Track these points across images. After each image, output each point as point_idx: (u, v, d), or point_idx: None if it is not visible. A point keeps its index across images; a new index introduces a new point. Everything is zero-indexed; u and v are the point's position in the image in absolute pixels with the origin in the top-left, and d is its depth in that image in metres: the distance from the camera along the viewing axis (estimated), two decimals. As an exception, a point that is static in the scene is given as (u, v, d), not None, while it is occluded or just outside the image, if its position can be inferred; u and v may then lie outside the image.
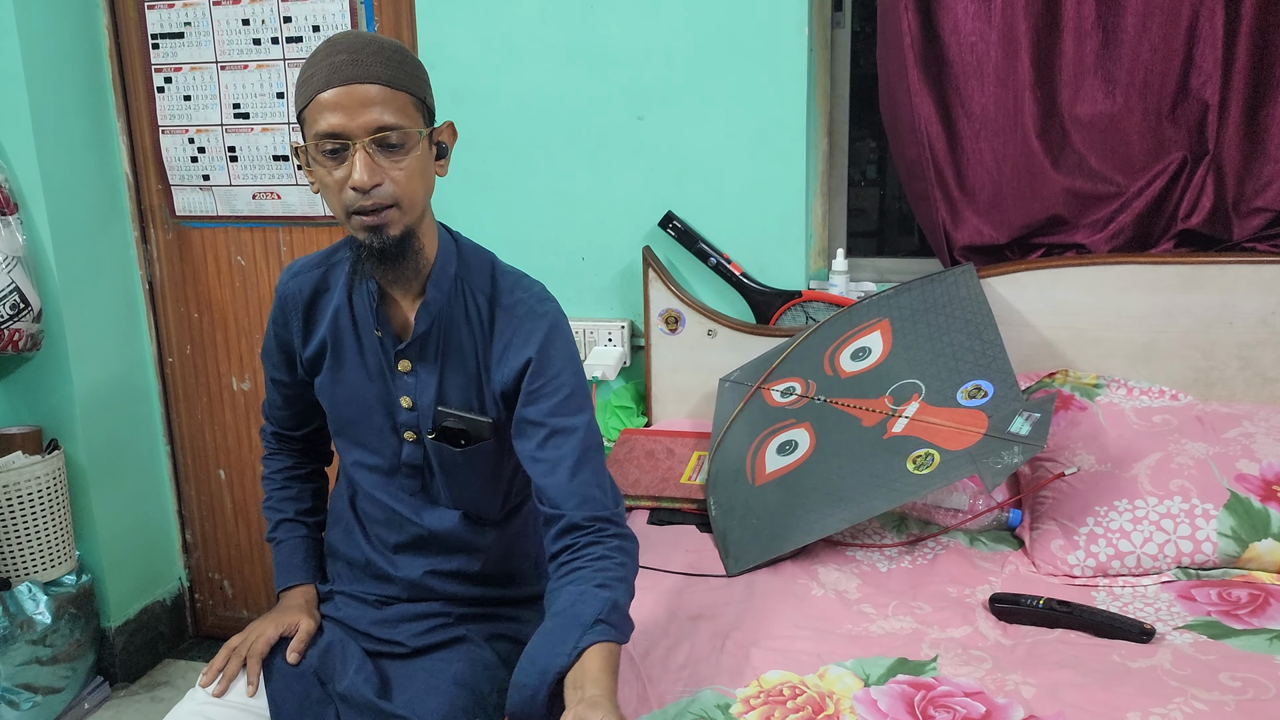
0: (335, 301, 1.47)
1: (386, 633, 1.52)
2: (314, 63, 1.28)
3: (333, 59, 1.26)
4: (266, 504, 1.68)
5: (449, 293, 1.42)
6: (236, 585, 2.96)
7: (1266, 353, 1.95)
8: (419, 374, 1.44)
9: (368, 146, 1.26)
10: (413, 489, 1.51)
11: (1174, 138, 2.01)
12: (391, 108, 1.27)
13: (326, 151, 1.28)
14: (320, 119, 1.26)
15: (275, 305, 1.54)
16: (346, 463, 1.54)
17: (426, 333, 1.42)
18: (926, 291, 1.99)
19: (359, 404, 1.48)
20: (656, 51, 2.25)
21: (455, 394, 1.44)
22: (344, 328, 1.47)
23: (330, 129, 1.26)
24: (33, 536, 2.46)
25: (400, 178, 1.29)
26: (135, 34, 2.61)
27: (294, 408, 1.63)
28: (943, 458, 1.62)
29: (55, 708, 2.52)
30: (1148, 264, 1.99)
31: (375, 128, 1.26)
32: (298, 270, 1.52)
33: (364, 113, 1.25)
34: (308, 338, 1.50)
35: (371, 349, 1.46)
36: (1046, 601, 1.47)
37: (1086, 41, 1.98)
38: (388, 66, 1.28)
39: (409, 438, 1.47)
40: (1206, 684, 1.26)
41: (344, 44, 1.28)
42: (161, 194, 2.72)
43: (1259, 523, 1.58)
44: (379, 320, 1.43)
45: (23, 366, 2.57)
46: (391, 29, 2.46)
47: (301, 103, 1.29)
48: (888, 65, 2.12)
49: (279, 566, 1.62)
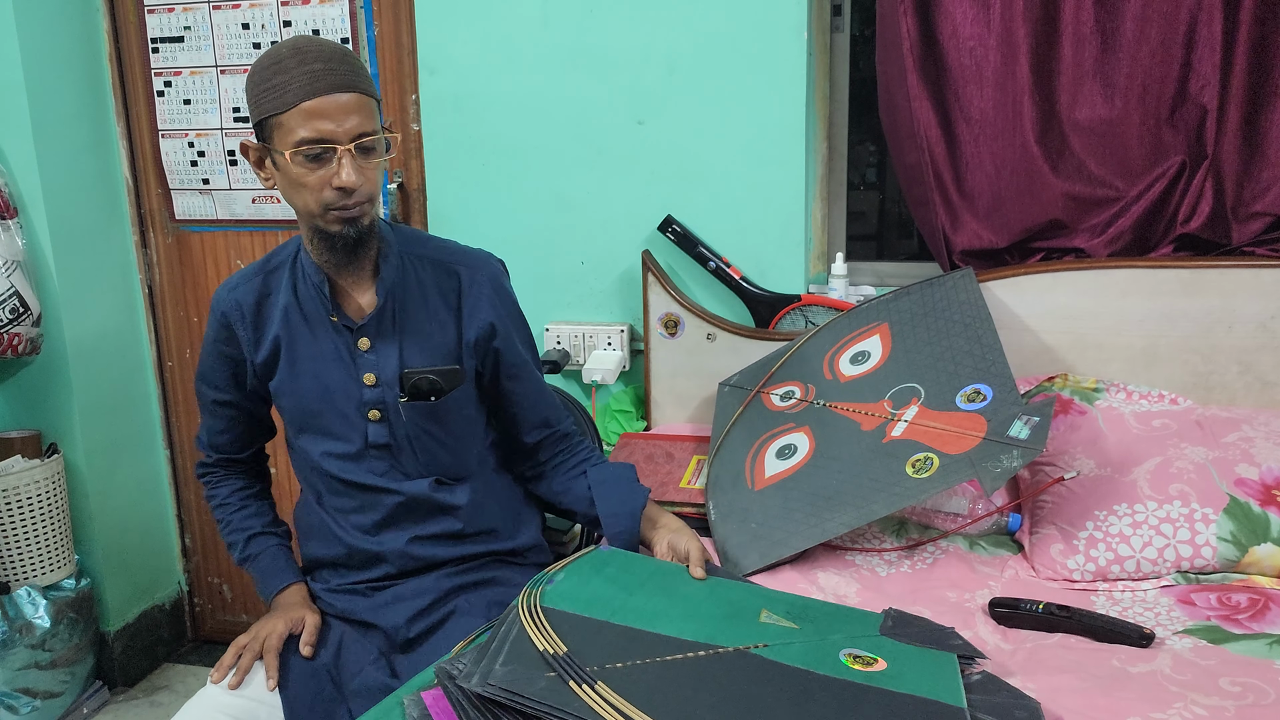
0: (283, 301, 1.55)
1: (383, 617, 1.55)
2: (285, 69, 1.36)
3: (309, 67, 1.36)
4: (228, 529, 1.70)
5: (398, 268, 1.54)
6: (236, 589, 2.96)
7: (1266, 357, 1.95)
8: (378, 349, 1.54)
9: (354, 151, 1.38)
10: (382, 469, 1.57)
11: (1173, 142, 2.01)
12: (366, 114, 1.40)
13: (307, 155, 1.37)
14: (305, 125, 1.36)
15: (214, 324, 1.59)
16: (314, 456, 1.58)
17: (383, 307, 1.52)
18: (926, 295, 1.99)
19: (320, 394, 1.55)
20: (656, 56, 2.25)
21: (417, 358, 1.54)
22: (296, 324, 1.55)
23: (318, 135, 1.36)
24: (32, 541, 2.46)
25: (373, 177, 1.43)
26: (135, 38, 2.62)
27: (238, 429, 1.69)
28: (942, 462, 1.62)
29: (54, 712, 2.51)
30: (1147, 268, 1.99)
31: (358, 134, 1.38)
32: (235, 284, 1.58)
33: (347, 119, 1.37)
34: (259, 342, 1.57)
35: (326, 338, 1.54)
36: (1046, 606, 1.46)
37: (1085, 46, 1.98)
38: (358, 76, 1.40)
39: (374, 417, 1.55)
40: (1206, 689, 1.25)
41: (315, 53, 1.38)
42: (161, 198, 2.72)
43: (1259, 527, 1.58)
44: (333, 308, 1.53)
45: (22, 370, 2.57)
46: (391, 33, 2.46)
47: (275, 108, 1.37)
48: (887, 69, 2.12)
49: (264, 574, 1.64)
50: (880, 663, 1.22)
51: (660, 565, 1.49)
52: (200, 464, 1.74)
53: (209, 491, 1.73)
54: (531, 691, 1.04)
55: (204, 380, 1.64)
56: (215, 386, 1.63)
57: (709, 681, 1.12)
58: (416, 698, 1.14)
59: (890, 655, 1.25)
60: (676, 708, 1.05)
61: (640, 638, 1.20)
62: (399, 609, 1.56)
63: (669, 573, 1.45)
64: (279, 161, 1.41)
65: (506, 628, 1.19)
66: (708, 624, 1.27)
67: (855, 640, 1.29)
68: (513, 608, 1.23)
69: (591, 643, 1.16)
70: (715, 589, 1.42)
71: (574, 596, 1.29)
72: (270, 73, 1.38)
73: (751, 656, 1.19)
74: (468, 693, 1.06)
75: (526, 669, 1.08)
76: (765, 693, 1.11)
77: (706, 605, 1.34)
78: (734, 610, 1.34)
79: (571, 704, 1.03)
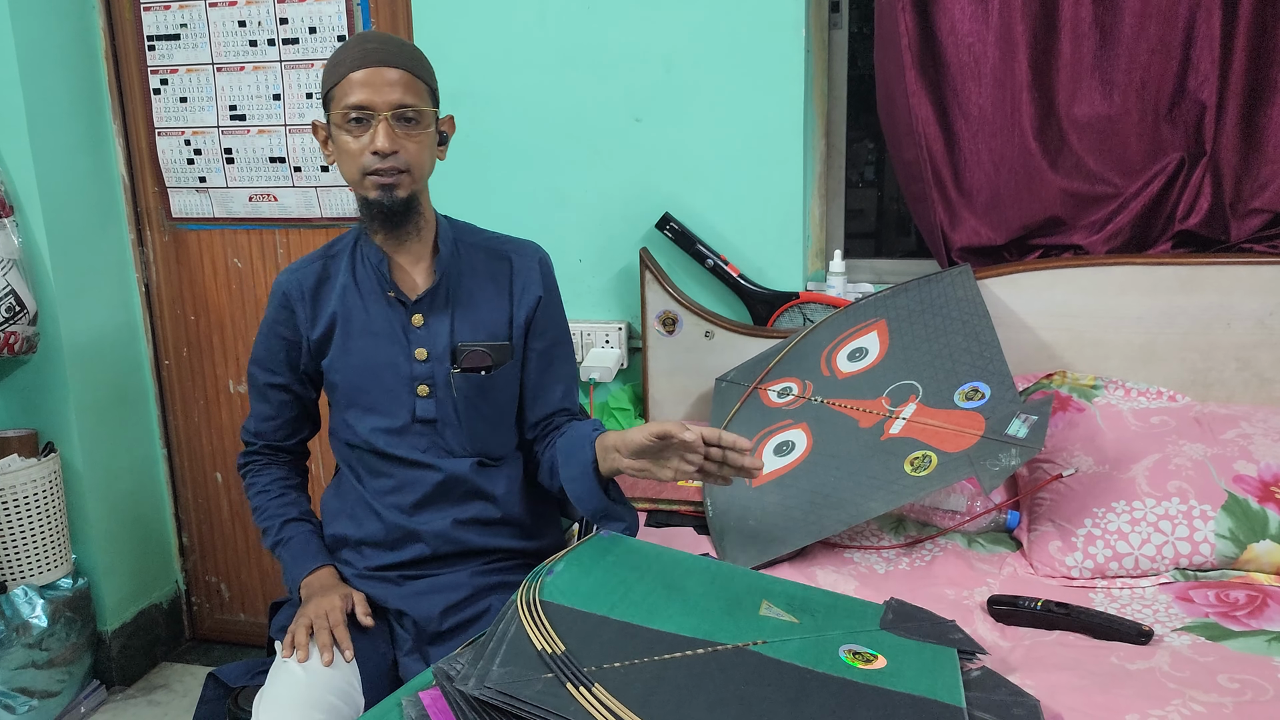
0: (341, 282, 1.63)
1: (416, 606, 1.57)
2: (346, 49, 1.51)
3: (364, 45, 1.50)
4: (263, 515, 1.70)
5: (453, 252, 1.64)
6: (233, 589, 2.96)
7: (1264, 354, 1.95)
8: (431, 325, 1.61)
9: (390, 119, 1.48)
10: (424, 445, 1.62)
11: (1171, 139, 2.01)
12: (411, 90, 1.50)
13: (351, 120, 1.49)
14: (350, 93, 1.48)
15: (274, 306, 1.66)
16: (361, 432, 1.63)
17: (438, 285, 1.61)
18: (923, 292, 1.99)
19: (370, 370, 1.61)
20: (654, 53, 2.25)
21: (469, 335, 1.62)
22: (352, 301, 1.62)
23: (359, 102, 1.47)
24: (29, 540, 2.46)
25: (413, 149, 1.51)
26: (131, 35, 2.61)
27: (286, 415, 1.72)
28: (940, 460, 1.62)
29: (52, 711, 2.51)
30: (1145, 265, 1.99)
31: (397, 104, 1.48)
32: (296, 268, 1.66)
33: (388, 90, 1.48)
34: (315, 320, 1.63)
35: (380, 314, 1.61)
36: (1044, 603, 1.46)
37: (1084, 43, 1.98)
38: (410, 58, 1.52)
39: (422, 392, 1.61)
40: (1205, 686, 1.25)
41: (374, 36, 1.52)
42: (158, 196, 2.71)
43: (1257, 524, 1.58)
44: (389, 284, 1.60)
45: (19, 369, 2.56)
46: (388, 30, 2.46)
47: (331, 82, 1.51)
48: (885, 66, 2.12)
49: (297, 556, 1.64)
50: (880, 659, 1.22)
51: (662, 552, 1.48)
52: (243, 454, 1.76)
53: (249, 479, 1.74)
54: (528, 695, 1.03)
55: (258, 364, 1.68)
56: (269, 369, 1.68)
57: (706, 681, 1.11)
58: (415, 699, 1.13)
59: (890, 651, 1.25)
60: (672, 710, 1.04)
61: (639, 634, 1.19)
62: (433, 600, 1.57)
63: (672, 560, 1.45)
64: (333, 132, 1.53)
65: (505, 625, 1.18)
66: (708, 619, 1.27)
67: (855, 636, 1.28)
68: (511, 603, 1.23)
69: (590, 640, 1.15)
70: (718, 578, 1.41)
71: (574, 589, 1.28)
72: (335, 56, 1.52)
73: (750, 654, 1.19)
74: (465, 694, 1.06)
75: (523, 670, 1.08)
76: (762, 693, 1.11)
77: (707, 598, 1.34)
78: (734, 603, 1.34)
79: (568, 708, 1.02)
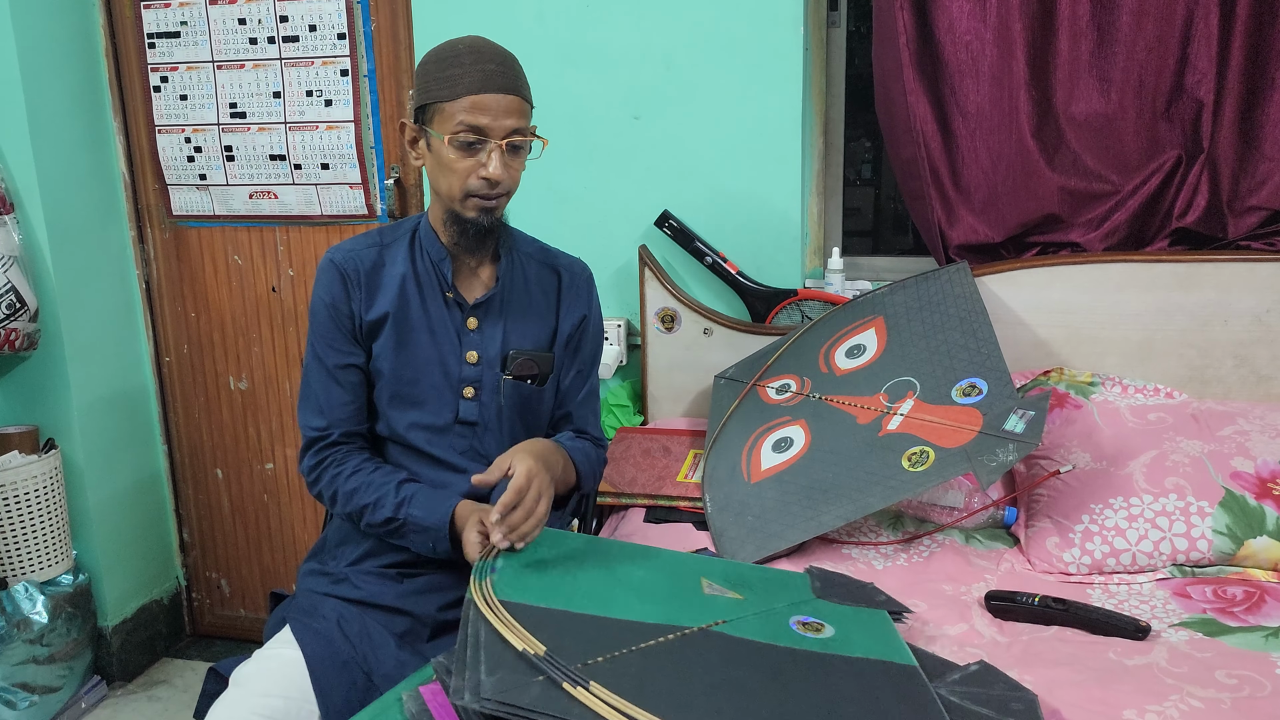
0: (400, 271, 1.63)
1: (414, 604, 1.57)
2: (460, 63, 1.48)
3: (484, 66, 1.48)
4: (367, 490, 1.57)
5: (510, 260, 1.67)
6: (234, 584, 2.96)
7: (1261, 350, 1.96)
8: (484, 330, 1.63)
9: (505, 148, 1.49)
10: (463, 447, 1.64)
11: (1169, 136, 2.01)
12: (522, 118, 1.51)
13: (461, 142, 1.48)
14: (467, 114, 1.47)
15: (329, 283, 1.62)
16: (400, 427, 1.62)
17: (496, 292, 1.63)
18: (921, 289, 1.99)
19: (419, 364, 1.61)
20: (653, 52, 2.25)
21: (519, 343, 1.65)
22: (410, 293, 1.62)
23: (477, 124, 1.47)
24: (29, 536, 2.46)
25: (516, 175, 1.54)
26: (131, 33, 2.61)
27: (363, 396, 1.64)
28: (938, 455, 1.62)
29: (52, 707, 2.52)
30: (1143, 262, 1.99)
31: (512, 130, 1.49)
32: (351, 248, 1.65)
33: (506, 119, 1.48)
34: (371, 302, 1.62)
35: (437, 312, 1.62)
36: (1042, 599, 1.47)
37: (1081, 41, 1.99)
38: (521, 82, 1.52)
39: (468, 394, 1.62)
40: (1202, 681, 1.26)
41: (490, 54, 1.50)
42: (158, 193, 2.72)
43: (1254, 520, 1.59)
44: (449, 285, 1.62)
45: (19, 366, 2.57)
46: (388, 28, 2.46)
47: (443, 95, 1.48)
48: (883, 64, 2.12)
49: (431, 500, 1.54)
50: (827, 628, 1.28)
51: (581, 538, 1.52)
52: (314, 451, 1.62)
53: (331, 470, 1.60)
54: (528, 701, 1.03)
55: (327, 345, 1.60)
56: (339, 349, 1.60)
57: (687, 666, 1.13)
58: (415, 693, 1.14)
59: (833, 619, 1.31)
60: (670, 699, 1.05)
61: (605, 626, 1.21)
62: (431, 598, 1.58)
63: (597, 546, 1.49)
64: (434, 144, 1.52)
65: (474, 629, 1.17)
66: (661, 603, 1.30)
67: (798, 607, 1.34)
68: (470, 604, 1.22)
69: (564, 637, 1.16)
70: (648, 559, 1.46)
71: (523, 584, 1.29)
72: (446, 64, 1.49)
73: (715, 635, 1.22)
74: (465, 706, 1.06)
75: (514, 675, 1.08)
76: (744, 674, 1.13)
77: (649, 581, 1.37)
78: (677, 584, 1.37)
79: (571, 710, 1.02)
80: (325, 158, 2.56)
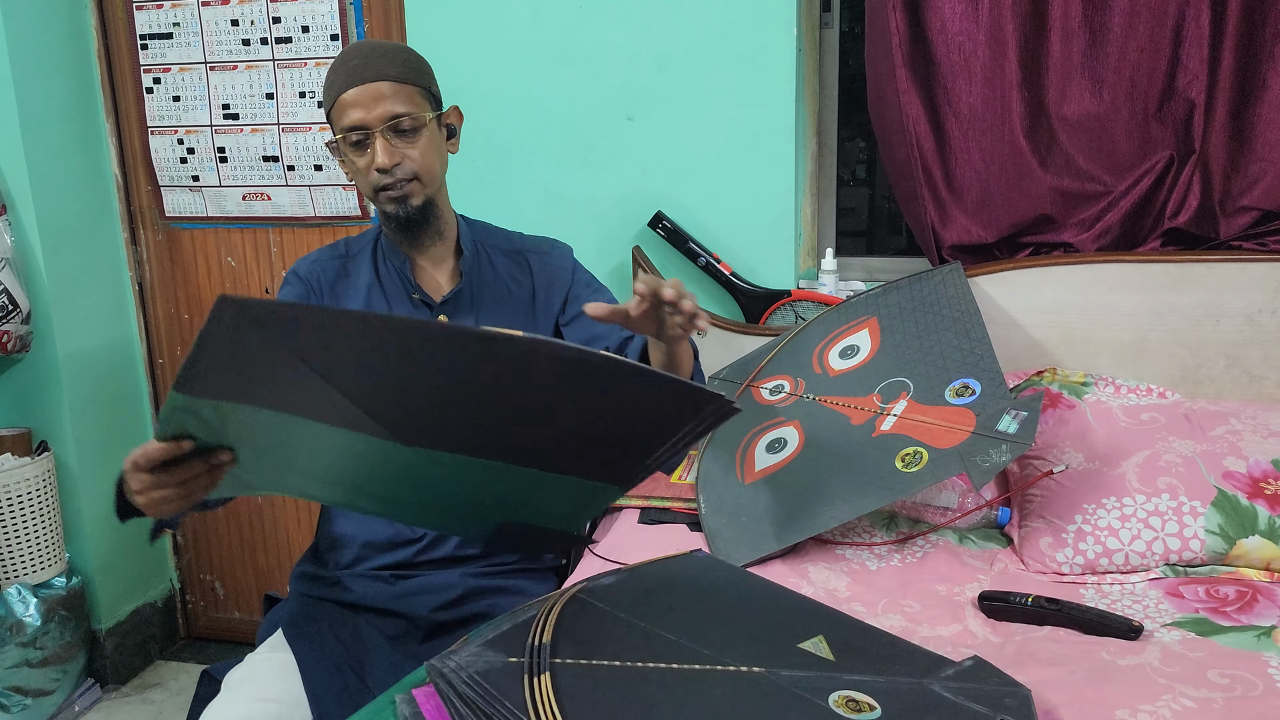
0: (365, 281, 1.64)
1: (407, 605, 1.56)
2: (334, 70, 1.52)
3: (348, 64, 1.50)
4: None
5: (474, 253, 1.67)
6: (228, 586, 2.96)
7: (1253, 350, 1.96)
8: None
9: (385, 134, 1.49)
10: None
11: (1161, 137, 2.01)
12: (401, 98, 1.50)
13: (352, 143, 1.51)
14: (344, 116, 1.50)
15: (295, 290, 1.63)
16: None
17: (462, 287, 1.63)
18: (914, 290, 2.00)
19: None
20: (646, 52, 2.25)
21: None
22: (376, 301, 1.63)
23: (352, 123, 1.49)
24: (22, 539, 2.46)
25: (416, 156, 1.52)
26: (124, 34, 2.61)
27: None
28: (931, 456, 1.62)
29: (46, 710, 2.51)
30: (1135, 263, 2.00)
31: (389, 117, 1.49)
32: (316, 258, 1.67)
33: (378, 106, 1.48)
34: None
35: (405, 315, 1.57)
36: (1035, 599, 1.47)
37: (1073, 41, 1.99)
38: (394, 65, 1.51)
39: None
40: (1195, 681, 1.26)
41: (356, 51, 1.52)
42: (151, 195, 2.71)
43: (1246, 520, 1.59)
44: (414, 286, 1.63)
45: (12, 368, 2.56)
46: (381, 30, 2.46)
47: (327, 105, 1.54)
48: (876, 65, 2.13)
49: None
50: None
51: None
52: None
53: None
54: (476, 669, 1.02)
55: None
56: None
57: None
58: (408, 696, 1.14)
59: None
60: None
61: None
62: (424, 599, 1.57)
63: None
64: (343, 154, 1.55)
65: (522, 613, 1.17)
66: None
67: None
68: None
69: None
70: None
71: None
72: (327, 78, 1.54)
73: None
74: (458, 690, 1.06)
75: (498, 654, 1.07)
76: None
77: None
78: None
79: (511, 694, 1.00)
80: (318, 159, 2.55)
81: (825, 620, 1.31)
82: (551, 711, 0.99)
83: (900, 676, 1.17)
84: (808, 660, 1.19)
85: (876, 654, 1.24)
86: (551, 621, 1.15)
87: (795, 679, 1.14)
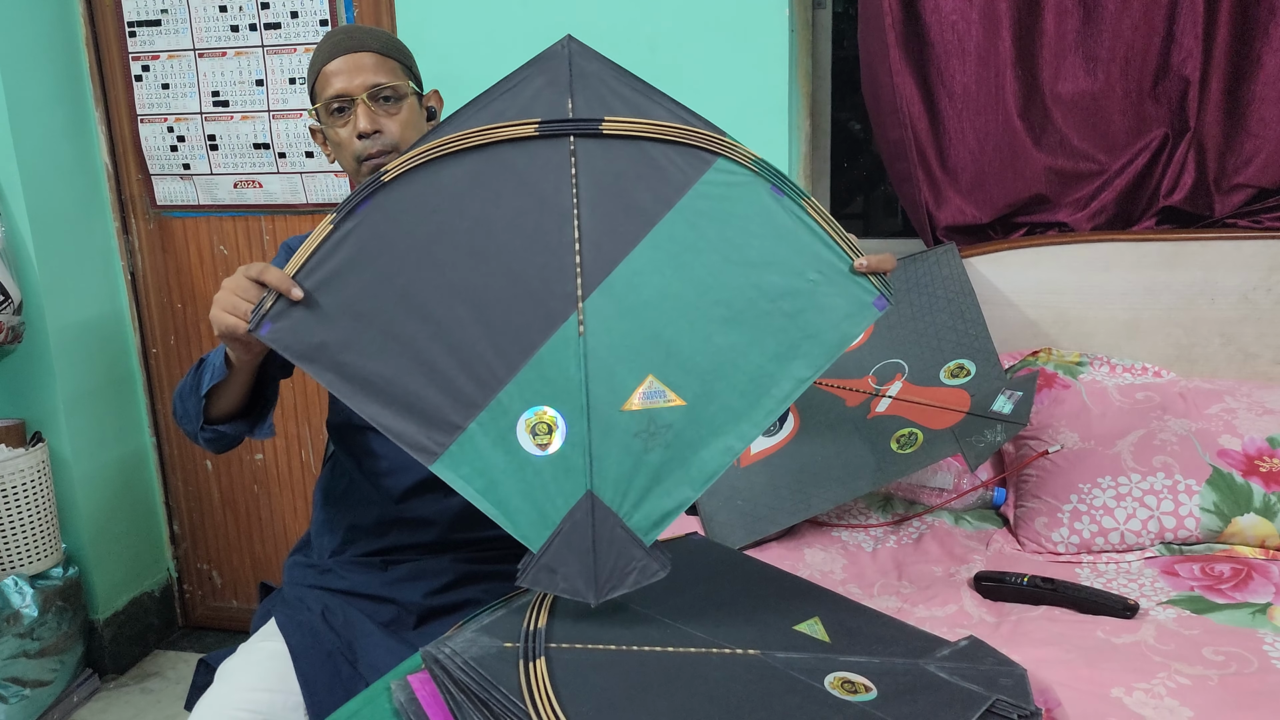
0: None
1: (399, 592, 1.56)
2: (317, 50, 1.55)
3: (333, 39, 1.54)
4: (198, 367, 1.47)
5: None
6: (225, 576, 2.96)
7: (1248, 329, 1.96)
8: None
9: (366, 100, 1.50)
10: None
11: (1155, 115, 2.01)
12: (383, 70, 1.52)
13: (334, 111, 1.52)
14: (327, 86, 1.51)
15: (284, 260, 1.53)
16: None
17: None
18: (909, 271, 1.99)
19: None
20: (638, 34, 2.24)
21: None
22: None
23: (336, 91, 1.51)
24: (18, 530, 2.46)
25: (395, 126, 1.52)
26: (112, 22, 2.59)
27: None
28: (926, 437, 1.63)
29: (44, 701, 2.51)
30: (1130, 241, 1.99)
31: (371, 84, 1.51)
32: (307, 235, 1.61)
33: (360, 74, 1.51)
34: None
35: None
36: (1031, 579, 1.47)
37: (1067, 19, 1.98)
38: (377, 40, 1.54)
39: None
40: (1190, 658, 1.27)
41: (341, 29, 1.56)
42: (141, 184, 2.70)
43: (1241, 498, 1.59)
44: None
45: (4, 359, 2.55)
46: (371, 14, 2.44)
47: (311, 82, 1.56)
48: (869, 46, 2.12)
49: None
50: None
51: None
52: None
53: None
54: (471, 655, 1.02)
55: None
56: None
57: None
58: (404, 682, 1.14)
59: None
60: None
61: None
62: (416, 586, 1.57)
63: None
64: (324, 129, 1.56)
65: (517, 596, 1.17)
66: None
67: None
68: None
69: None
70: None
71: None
72: (311, 60, 1.56)
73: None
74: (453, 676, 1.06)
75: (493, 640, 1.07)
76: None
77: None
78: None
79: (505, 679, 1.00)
80: (310, 146, 2.54)
81: (821, 602, 1.32)
82: (547, 696, 0.99)
83: (896, 657, 1.18)
84: (804, 642, 1.19)
85: (872, 635, 1.25)
86: (546, 606, 1.15)
87: (791, 661, 1.14)
